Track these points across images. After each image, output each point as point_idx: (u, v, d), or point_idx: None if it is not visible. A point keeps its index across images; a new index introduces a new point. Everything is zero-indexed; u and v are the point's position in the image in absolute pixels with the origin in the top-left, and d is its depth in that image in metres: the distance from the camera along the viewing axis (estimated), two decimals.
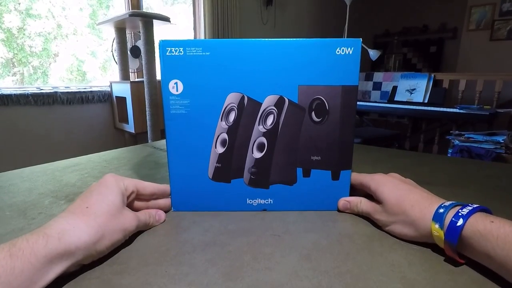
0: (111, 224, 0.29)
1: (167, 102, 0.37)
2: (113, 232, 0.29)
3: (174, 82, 0.36)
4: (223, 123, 0.38)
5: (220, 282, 0.26)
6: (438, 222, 0.29)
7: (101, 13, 2.16)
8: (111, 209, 0.29)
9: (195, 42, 0.36)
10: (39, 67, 1.93)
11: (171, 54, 0.36)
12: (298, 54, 0.36)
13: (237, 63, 0.36)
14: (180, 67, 0.36)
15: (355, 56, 0.36)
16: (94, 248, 0.27)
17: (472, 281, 0.26)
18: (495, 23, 3.87)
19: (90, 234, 0.26)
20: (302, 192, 0.40)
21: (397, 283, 0.26)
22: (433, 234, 0.29)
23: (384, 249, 0.31)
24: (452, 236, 0.27)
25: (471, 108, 2.31)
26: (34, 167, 0.57)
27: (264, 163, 0.39)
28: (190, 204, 0.40)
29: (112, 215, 0.29)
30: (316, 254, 0.30)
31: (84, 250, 0.26)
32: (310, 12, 3.80)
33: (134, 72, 2.20)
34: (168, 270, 0.28)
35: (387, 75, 3.25)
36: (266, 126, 0.38)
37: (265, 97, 0.37)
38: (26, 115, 1.75)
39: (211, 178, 0.39)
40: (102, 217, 0.28)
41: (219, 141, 0.38)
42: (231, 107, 0.37)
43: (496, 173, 0.55)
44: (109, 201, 0.30)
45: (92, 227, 0.27)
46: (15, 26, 1.78)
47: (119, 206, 0.30)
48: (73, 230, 0.25)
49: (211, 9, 2.52)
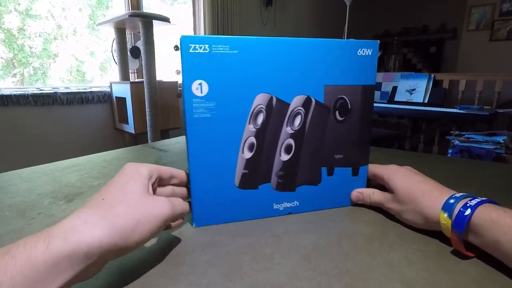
0: (135, 213, 0.24)
1: (190, 105, 0.33)
2: (137, 222, 0.24)
3: (198, 83, 0.33)
4: (251, 126, 0.35)
5: (219, 283, 0.26)
6: (447, 212, 0.30)
7: (100, 13, 2.16)
8: (131, 197, 0.25)
9: (222, 39, 0.33)
10: (39, 68, 1.93)
11: (195, 51, 0.32)
12: (324, 53, 0.36)
13: (266, 62, 0.34)
14: (205, 66, 0.32)
15: (374, 57, 0.38)
16: (113, 243, 0.22)
17: (472, 281, 0.26)
18: (495, 24, 3.87)
19: (106, 227, 0.22)
20: (326, 190, 0.40)
21: (397, 283, 0.26)
22: (441, 223, 0.30)
23: (383, 249, 0.31)
24: (459, 224, 0.28)
25: (471, 108, 2.31)
26: (34, 168, 0.57)
27: (292, 165, 0.38)
28: (215, 217, 0.36)
29: (135, 204, 0.25)
30: (316, 255, 0.30)
31: (100, 248, 0.21)
32: (310, 12, 3.80)
33: (134, 73, 2.20)
34: (168, 270, 0.28)
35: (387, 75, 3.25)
36: (294, 127, 0.37)
37: (292, 97, 0.36)
38: (26, 116, 1.76)
39: (237, 186, 0.36)
40: (120, 206, 0.24)
41: (247, 146, 0.36)
42: (260, 108, 0.35)
43: (496, 173, 0.55)
44: (128, 189, 0.26)
45: (108, 220, 0.23)
46: (15, 26, 1.78)
47: (142, 193, 0.26)
48: (84, 225, 0.21)
49: (211, 10, 2.52)
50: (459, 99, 2.77)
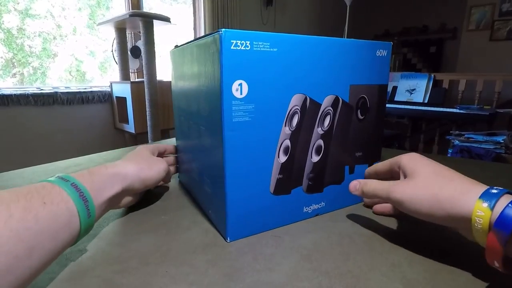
0: (146, 162, 0.39)
1: (229, 108, 0.30)
2: (149, 166, 0.39)
3: (238, 83, 0.30)
4: (286, 128, 0.34)
5: (220, 283, 0.26)
6: (488, 201, 0.23)
7: (100, 13, 2.16)
8: (143, 155, 0.41)
9: (264, 35, 0.30)
10: (38, 68, 1.93)
11: (237, 48, 0.29)
12: (351, 54, 0.36)
13: (303, 61, 0.33)
14: (246, 65, 0.30)
15: (388, 58, 0.40)
16: (138, 175, 0.36)
17: (472, 281, 0.26)
18: (494, 24, 3.87)
19: (133, 165, 0.37)
20: (347, 189, 0.40)
21: (398, 283, 0.26)
22: (475, 215, 0.23)
23: (384, 249, 0.31)
24: (506, 221, 0.22)
25: (471, 108, 2.31)
26: (35, 167, 0.57)
27: (321, 166, 0.37)
28: (249, 228, 0.34)
29: (146, 157, 0.40)
30: (317, 255, 0.30)
31: (132, 175, 0.35)
32: (310, 12, 3.80)
33: (134, 72, 2.20)
34: (169, 270, 0.28)
35: None
36: (324, 127, 0.36)
37: (323, 97, 0.35)
38: (26, 116, 1.76)
39: (272, 193, 0.35)
40: (137, 159, 0.39)
41: (282, 149, 0.34)
42: (295, 110, 0.34)
43: (496, 173, 0.55)
44: (140, 152, 0.41)
45: (132, 164, 0.37)
46: (15, 26, 1.78)
47: (149, 154, 0.42)
48: (121, 165, 0.36)
49: (211, 9, 2.52)
50: (459, 99, 2.77)
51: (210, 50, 0.30)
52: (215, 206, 0.35)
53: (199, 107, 0.36)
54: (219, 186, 0.33)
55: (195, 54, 0.35)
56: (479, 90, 2.66)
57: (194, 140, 0.40)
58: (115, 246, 0.32)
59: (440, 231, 0.34)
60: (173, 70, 0.46)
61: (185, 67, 0.40)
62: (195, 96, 0.37)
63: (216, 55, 0.29)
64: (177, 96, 0.46)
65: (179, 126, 0.47)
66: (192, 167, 0.42)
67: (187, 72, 0.39)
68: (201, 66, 0.33)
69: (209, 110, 0.33)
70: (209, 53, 0.31)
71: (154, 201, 0.43)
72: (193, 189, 0.44)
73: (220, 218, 0.34)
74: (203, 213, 0.39)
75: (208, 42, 0.31)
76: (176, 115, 0.48)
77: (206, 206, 0.39)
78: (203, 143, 0.36)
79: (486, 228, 0.23)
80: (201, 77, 0.34)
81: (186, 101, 0.41)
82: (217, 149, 0.32)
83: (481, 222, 0.23)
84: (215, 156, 0.33)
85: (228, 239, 0.33)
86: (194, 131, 0.39)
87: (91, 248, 0.32)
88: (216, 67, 0.29)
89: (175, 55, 0.44)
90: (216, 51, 0.29)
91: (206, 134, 0.35)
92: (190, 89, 0.39)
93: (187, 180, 0.47)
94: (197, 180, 0.41)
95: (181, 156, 0.49)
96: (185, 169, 0.47)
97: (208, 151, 0.35)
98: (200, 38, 0.33)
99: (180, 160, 0.50)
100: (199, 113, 0.37)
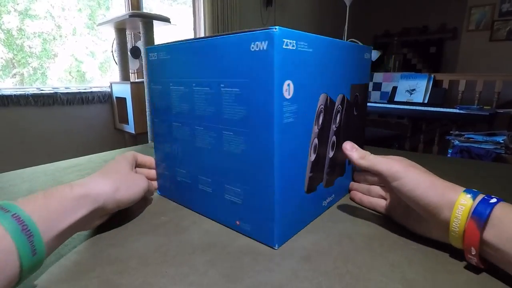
0: (125, 180, 0.35)
1: (280, 109, 0.29)
2: (127, 186, 0.35)
3: (287, 84, 0.29)
4: (315, 127, 0.34)
5: (220, 283, 0.26)
6: (471, 194, 0.27)
7: (100, 13, 2.16)
8: (123, 171, 0.37)
9: (304, 35, 0.30)
10: (38, 68, 1.93)
11: (287, 47, 0.28)
12: (353, 56, 0.40)
13: (329, 62, 0.35)
14: (293, 65, 0.29)
15: (370, 60, 0.45)
16: (114, 196, 0.32)
17: (472, 281, 0.26)
18: (494, 24, 3.87)
19: (108, 185, 0.32)
20: (348, 178, 0.45)
21: (397, 284, 0.26)
22: (459, 203, 0.27)
23: (384, 249, 0.31)
24: (482, 210, 0.26)
25: (471, 108, 2.31)
26: (35, 168, 0.57)
27: (334, 161, 0.40)
28: (291, 230, 0.34)
29: (126, 175, 0.36)
30: (316, 255, 0.30)
31: (104, 196, 0.31)
32: (310, 12, 3.80)
33: (134, 73, 2.20)
34: (168, 271, 0.28)
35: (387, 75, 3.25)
36: (336, 124, 0.39)
37: (336, 96, 0.37)
38: (26, 116, 1.75)
39: (305, 191, 0.35)
40: (116, 175, 0.35)
41: (312, 148, 0.34)
42: (321, 109, 0.34)
43: (496, 174, 0.55)
44: (120, 167, 0.37)
45: (107, 181, 0.33)
46: (15, 26, 1.78)
47: (128, 169, 0.38)
48: (93, 183, 0.32)
49: (211, 10, 2.52)
50: (459, 99, 2.78)
51: (253, 48, 0.28)
52: (249, 214, 0.33)
53: (221, 110, 0.33)
54: (259, 192, 0.31)
55: (220, 53, 0.31)
56: (479, 90, 2.66)
57: (206, 146, 0.36)
58: (114, 247, 0.32)
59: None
60: (161, 72, 0.40)
61: (194, 68, 0.35)
62: (212, 98, 0.33)
63: (265, 53, 0.27)
64: (167, 100, 0.39)
65: (167, 132, 0.41)
66: (195, 178, 0.38)
67: (197, 73, 0.35)
68: (233, 65, 0.30)
69: (245, 112, 0.30)
70: (249, 52, 0.29)
71: (153, 202, 0.43)
72: (193, 202, 0.40)
73: (259, 226, 0.32)
74: (202, 214, 0.39)
75: (248, 39, 0.28)
76: (159, 120, 0.42)
77: (228, 217, 0.35)
78: (228, 149, 0.33)
79: (466, 216, 0.26)
80: (231, 77, 0.31)
81: (189, 104, 0.36)
82: (260, 153, 0.30)
83: (463, 209, 0.27)
84: (254, 160, 0.31)
85: (276, 246, 0.31)
86: (205, 136, 0.35)
87: (90, 248, 0.32)
88: (264, 66, 0.28)
89: (168, 55, 0.38)
90: (265, 50, 0.27)
91: (237, 138, 0.32)
92: (202, 91, 0.34)
93: (180, 194, 0.42)
94: (208, 191, 0.37)
95: (169, 167, 0.42)
96: (177, 181, 0.41)
97: (238, 157, 0.32)
98: (222, 36, 0.31)
99: (166, 173, 0.43)
100: (219, 116, 0.33)
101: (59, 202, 0.27)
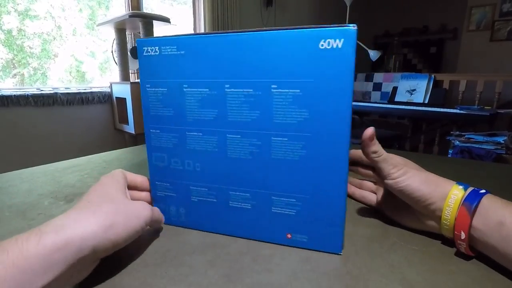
0: (120, 211, 0.26)
1: (350, 111, 0.28)
2: (125, 219, 0.26)
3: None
4: None
5: (220, 284, 0.26)
6: (462, 186, 0.30)
7: (100, 13, 2.16)
8: (116, 199, 0.27)
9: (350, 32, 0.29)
10: (38, 68, 1.93)
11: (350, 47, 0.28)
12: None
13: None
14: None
15: None
16: (105, 237, 0.23)
17: (472, 281, 0.26)
18: (495, 24, 3.87)
19: (98, 222, 0.23)
20: None
21: (397, 284, 0.26)
22: (452, 193, 0.29)
23: (383, 250, 0.31)
24: (473, 198, 0.28)
25: (471, 108, 2.31)
26: (34, 168, 0.57)
27: None
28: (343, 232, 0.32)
29: (121, 203, 0.27)
30: (316, 256, 0.30)
31: (93, 240, 0.22)
32: (310, 12, 3.80)
33: (134, 73, 2.20)
34: (168, 271, 0.28)
35: (387, 75, 3.25)
36: None
37: None
38: (26, 116, 1.76)
39: None
40: (108, 205, 0.26)
41: None
42: None
43: (496, 174, 0.55)
44: (112, 193, 0.28)
45: (99, 217, 0.24)
46: (15, 27, 1.78)
47: (123, 196, 0.29)
48: (74, 223, 0.23)
49: (211, 10, 2.52)
50: (459, 99, 2.78)
51: (322, 45, 0.26)
52: (306, 224, 0.31)
53: (271, 113, 0.29)
54: (322, 199, 0.30)
55: (273, 49, 0.28)
56: (479, 90, 2.65)
57: (244, 156, 0.32)
58: None
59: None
60: (166, 71, 0.33)
61: (227, 66, 0.30)
62: (257, 101, 0.30)
63: (339, 52, 0.26)
64: (178, 105, 0.33)
65: (178, 145, 0.34)
66: (224, 195, 0.34)
67: (232, 72, 0.30)
68: (292, 64, 0.28)
69: (308, 115, 0.28)
70: (317, 50, 0.27)
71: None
72: (220, 224, 0.35)
73: (321, 235, 0.31)
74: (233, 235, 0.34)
75: (317, 36, 0.26)
76: (160, 131, 0.34)
77: (275, 233, 0.32)
78: (280, 156, 0.30)
79: (458, 205, 0.29)
80: (289, 77, 0.28)
81: (218, 109, 0.31)
82: (327, 157, 0.29)
83: (455, 199, 0.29)
84: (317, 165, 0.29)
85: (341, 252, 0.31)
86: (243, 144, 0.31)
87: None
88: (338, 65, 0.26)
89: (181, 50, 0.32)
90: (339, 48, 0.26)
91: (293, 143, 0.29)
92: (240, 93, 0.30)
93: (196, 218, 0.35)
94: (244, 208, 0.33)
95: (178, 187, 0.35)
96: (191, 202, 0.35)
97: (295, 164, 0.30)
98: (277, 30, 0.27)
99: (171, 195, 0.36)
100: (267, 121, 0.30)
101: (20, 265, 0.18)
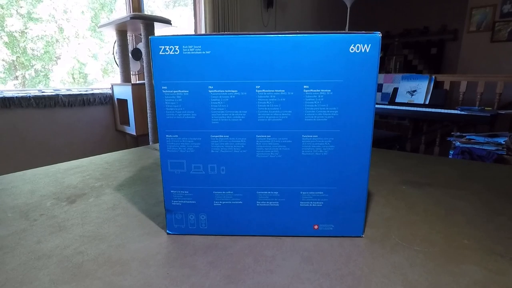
0: None
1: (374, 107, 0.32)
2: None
3: None
4: None
5: (221, 285, 0.26)
6: None
7: (104, 15, 2.17)
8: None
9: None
10: (41, 70, 1.94)
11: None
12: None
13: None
14: None
15: None
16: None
17: (474, 282, 0.26)
18: (495, 25, 3.87)
19: None
20: None
21: (399, 285, 0.26)
22: None
23: (385, 251, 0.31)
24: None
25: (472, 109, 2.31)
26: (36, 169, 0.58)
27: None
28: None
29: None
30: (318, 257, 0.30)
31: None
32: (310, 13, 3.81)
33: (135, 75, 2.21)
34: (170, 272, 0.28)
35: (388, 76, 3.25)
36: None
37: None
38: (28, 118, 1.76)
39: None
40: None
41: None
42: None
43: (497, 175, 0.55)
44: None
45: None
46: (18, 29, 1.79)
47: None
48: None
49: (211, 12, 2.53)
50: (460, 100, 2.77)
51: (352, 50, 0.30)
52: (332, 214, 0.34)
53: (302, 113, 0.31)
54: (349, 188, 0.33)
55: (306, 52, 0.30)
56: (480, 91, 2.65)
57: (274, 155, 0.33)
58: (116, 248, 0.32)
59: (440, 232, 0.34)
60: (187, 72, 0.31)
61: (258, 67, 0.31)
62: (289, 101, 0.31)
63: (366, 55, 0.30)
64: (202, 108, 0.32)
65: (200, 150, 0.33)
66: (251, 196, 0.34)
67: (264, 73, 0.31)
68: (324, 66, 0.30)
69: (337, 113, 0.31)
70: (347, 53, 0.30)
71: (153, 203, 0.43)
72: (247, 225, 0.35)
73: (346, 222, 0.34)
74: (259, 234, 0.35)
75: (348, 41, 0.29)
76: (179, 136, 0.33)
77: (303, 226, 0.34)
78: (310, 153, 0.32)
79: None
80: (321, 78, 0.30)
81: (248, 110, 0.32)
82: (354, 150, 0.32)
83: None
84: (345, 158, 0.33)
85: (363, 234, 0.35)
86: (274, 144, 0.32)
87: (92, 250, 0.32)
88: (366, 67, 0.30)
89: (207, 49, 0.31)
90: (367, 52, 0.29)
91: (323, 140, 0.32)
92: (271, 94, 0.31)
93: (219, 224, 0.35)
94: (273, 206, 0.34)
95: (200, 194, 0.34)
96: (213, 208, 0.35)
97: (324, 159, 0.32)
98: (310, 34, 0.30)
99: (191, 202, 0.35)
100: (298, 120, 0.31)
101: None
